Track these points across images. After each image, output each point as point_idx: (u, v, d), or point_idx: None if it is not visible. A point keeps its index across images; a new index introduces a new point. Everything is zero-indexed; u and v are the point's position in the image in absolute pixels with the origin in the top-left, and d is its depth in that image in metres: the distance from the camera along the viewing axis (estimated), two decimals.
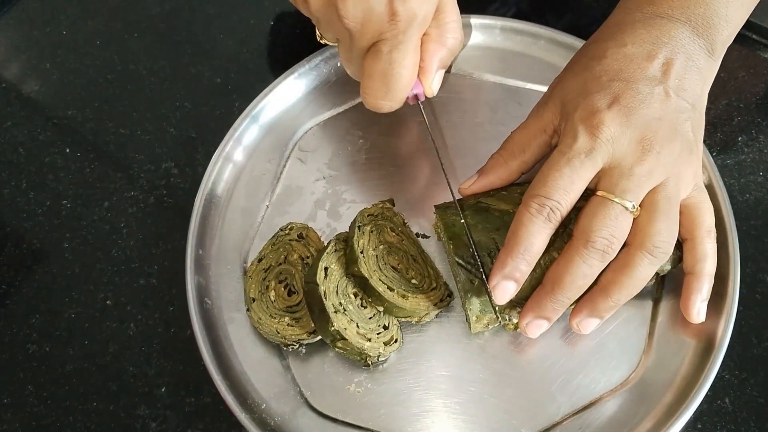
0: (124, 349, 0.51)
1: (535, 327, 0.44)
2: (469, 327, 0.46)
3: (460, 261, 0.45)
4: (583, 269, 0.41)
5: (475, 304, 0.45)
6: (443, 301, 0.48)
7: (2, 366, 0.51)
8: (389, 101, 0.46)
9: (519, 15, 0.63)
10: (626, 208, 0.41)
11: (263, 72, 0.63)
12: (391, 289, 0.46)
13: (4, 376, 0.51)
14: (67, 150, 0.60)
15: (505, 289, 0.43)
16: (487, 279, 0.44)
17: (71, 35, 0.67)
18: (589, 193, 0.43)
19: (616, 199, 0.41)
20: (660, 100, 0.42)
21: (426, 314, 0.47)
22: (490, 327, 0.46)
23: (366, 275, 0.46)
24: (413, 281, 0.48)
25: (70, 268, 0.55)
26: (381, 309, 0.46)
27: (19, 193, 0.58)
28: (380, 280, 0.46)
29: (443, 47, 0.46)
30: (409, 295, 0.47)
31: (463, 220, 0.46)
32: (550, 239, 0.42)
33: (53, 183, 0.58)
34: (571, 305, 0.44)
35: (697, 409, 0.44)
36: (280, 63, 0.63)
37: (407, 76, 0.45)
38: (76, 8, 0.68)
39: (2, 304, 0.54)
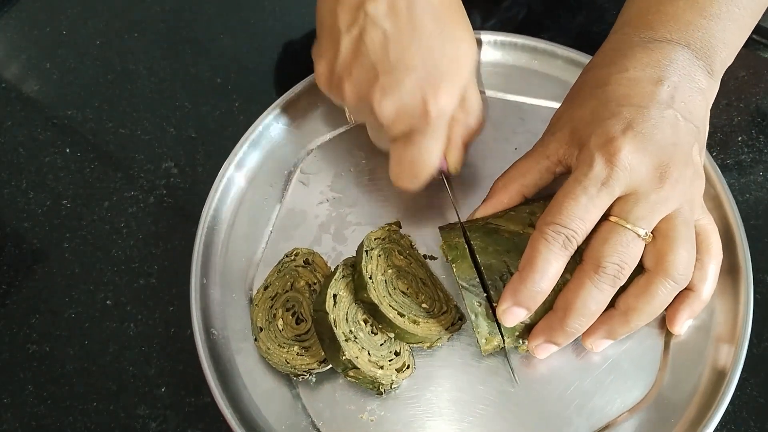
0: (124, 349, 0.51)
1: (544, 350, 0.44)
2: (480, 349, 0.45)
3: (464, 284, 0.44)
4: (594, 294, 0.41)
5: (483, 326, 0.44)
6: (455, 324, 0.47)
7: (2, 366, 0.51)
8: (417, 184, 0.48)
9: (531, 15, 0.63)
10: (638, 235, 0.41)
11: (263, 72, 0.63)
12: (402, 315, 0.46)
13: (4, 376, 0.51)
14: (67, 150, 0.60)
15: (515, 315, 0.42)
16: (496, 302, 0.44)
17: (71, 35, 0.67)
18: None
19: (628, 226, 0.40)
20: (671, 124, 0.41)
21: (438, 339, 0.46)
22: (501, 348, 0.46)
23: (376, 301, 0.45)
24: (424, 305, 0.47)
25: (70, 268, 0.55)
26: (392, 335, 0.46)
27: (19, 193, 0.58)
28: (390, 305, 0.46)
29: (467, 129, 0.48)
30: (420, 320, 0.46)
31: (466, 242, 0.46)
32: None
33: (53, 183, 0.58)
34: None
35: None
36: (280, 63, 0.63)
37: (435, 162, 0.47)
38: (76, 8, 0.68)
39: (2, 304, 0.54)
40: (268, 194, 0.54)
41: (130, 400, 0.49)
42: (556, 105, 0.55)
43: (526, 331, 0.45)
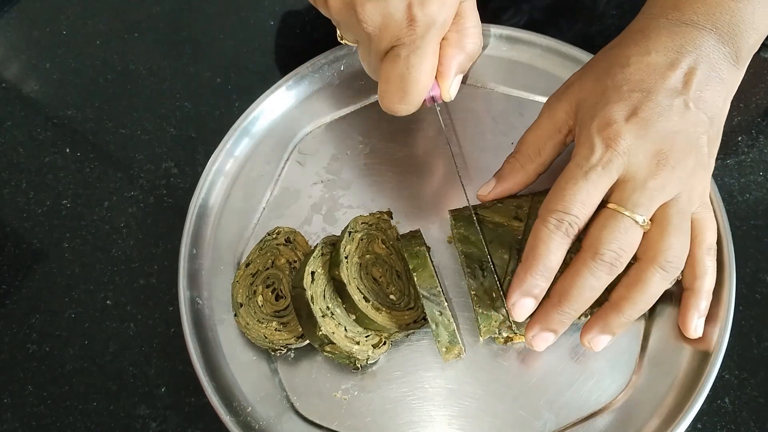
0: (124, 349, 0.51)
1: (541, 340, 0.44)
2: (441, 357, 0.45)
3: (425, 293, 0.45)
4: (590, 281, 0.41)
5: (443, 335, 0.44)
6: (417, 322, 0.47)
7: (2, 366, 0.51)
8: (405, 105, 0.46)
9: (532, 23, 0.63)
10: (636, 222, 0.40)
11: (263, 72, 0.63)
12: (367, 300, 0.46)
13: (4, 376, 0.51)
14: (67, 150, 0.60)
15: (524, 307, 0.42)
16: (473, 290, 0.44)
17: (71, 35, 0.67)
18: (600, 203, 0.42)
19: (626, 213, 0.40)
20: (679, 112, 0.41)
21: (396, 332, 0.46)
22: (462, 356, 0.46)
23: (345, 280, 0.45)
24: (391, 297, 0.47)
25: (70, 268, 0.55)
26: (353, 317, 0.46)
27: (19, 193, 0.58)
28: (358, 288, 0.46)
29: (462, 52, 0.46)
30: (384, 309, 0.46)
31: (427, 249, 0.46)
32: None
33: (53, 183, 0.58)
34: (578, 319, 0.44)
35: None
36: (280, 63, 0.63)
37: (424, 81, 0.44)
38: (76, 8, 0.68)
39: (2, 304, 0.54)
40: (265, 171, 0.55)
41: (130, 400, 0.49)
42: None
43: (487, 328, 0.45)
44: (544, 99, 0.56)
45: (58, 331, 0.52)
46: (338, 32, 0.48)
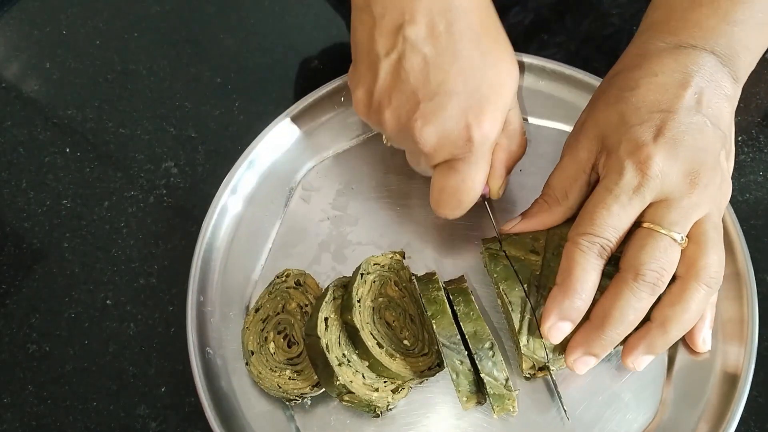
0: (124, 349, 0.51)
1: (583, 363, 0.43)
2: (462, 406, 0.44)
3: (445, 341, 0.43)
4: (633, 303, 0.40)
5: (464, 384, 0.43)
6: (431, 369, 0.45)
7: (2, 366, 0.51)
8: (460, 211, 0.47)
9: (538, 20, 0.63)
10: (675, 240, 0.40)
11: (263, 72, 0.63)
12: (381, 346, 0.44)
13: (4, 376, 0.51)
14: (67, 150, 0.60)
15: (560, 330, 0.42)
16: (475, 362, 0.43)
17: (71, 35, 0.67)
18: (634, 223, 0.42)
19: (663, 231, 0.40)
20: (700, 130, 0.41)
21: (411, 379, 0.45)
22: (482, 404, 0.44)
23: (358, 326, 0.44)
24: (405, 342, 0.45)
25: (70, 268, 0.55)
26: (366, 363, 0.45)
27: (19, 193, 0.58)
28: (371, 333, 0.45)
29: (510, 155, 0.47)
30: (398, 356, 0.44)
31: (446, 294, 0.45)
32: None
33: (53, 183, 0.58)
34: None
35: None
36: (280, 63, 0.63)
37: (478, 190, 0.45)
38: (76, 8, 0.68)
39: (2, 304, 0.54)
40: (269, 211, 0.53)
41: (130, 400, 0.49)
42: (562, 126, 0.53)
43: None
44: (549, 123, 0.55)
45: (58, 331, 0.52)
46: (384, 137, 0.48)
